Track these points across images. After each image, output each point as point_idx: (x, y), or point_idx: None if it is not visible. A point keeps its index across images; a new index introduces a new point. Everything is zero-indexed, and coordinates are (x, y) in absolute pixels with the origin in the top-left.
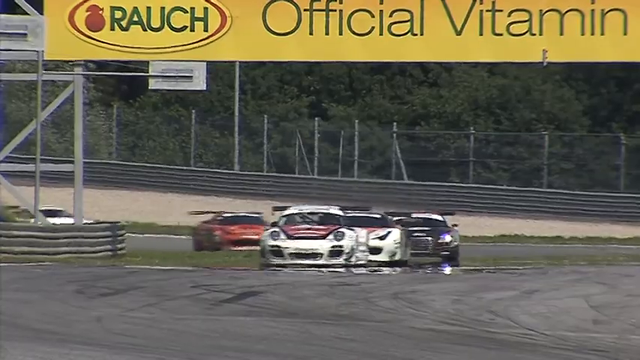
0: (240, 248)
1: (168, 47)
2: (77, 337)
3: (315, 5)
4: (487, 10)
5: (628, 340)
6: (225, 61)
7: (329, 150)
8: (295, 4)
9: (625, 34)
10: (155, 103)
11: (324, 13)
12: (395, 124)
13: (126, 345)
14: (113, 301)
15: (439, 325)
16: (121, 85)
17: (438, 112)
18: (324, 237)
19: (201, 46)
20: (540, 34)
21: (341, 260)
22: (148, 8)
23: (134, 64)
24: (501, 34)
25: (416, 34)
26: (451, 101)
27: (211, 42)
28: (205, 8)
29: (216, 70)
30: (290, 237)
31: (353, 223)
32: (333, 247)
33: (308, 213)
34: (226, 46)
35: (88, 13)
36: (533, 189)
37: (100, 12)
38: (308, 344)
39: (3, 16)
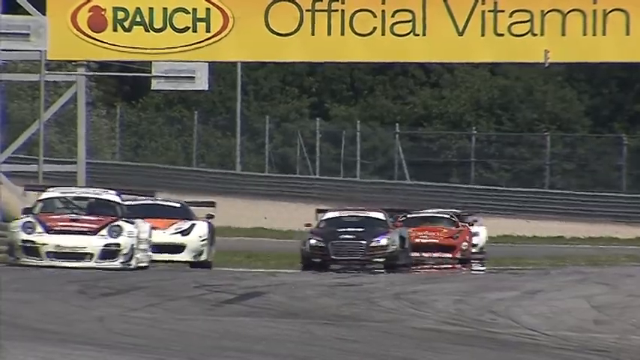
0: None
1: (171, 48)
2: (79, 337)
3: (317, 5)
4: (489, 11)
5: (629, 340)
6: (228, 62)
7: (331, 150)
8: (297, 4)
9: (627, 34)
10: (158, 103)
11: (326, 13)
12: (397, 124)
13: (127, 345)
14: (115, 301)
15: (441, 326)
16: (123, 85)
17: (440, 112)
18: (94, 232)
19: (204, 46)
20: (542, 35)
21: (116, 263)
22: (151, 9)
23: (137, 65)
24: (503, 35)
25: (418, 35)
26: (453, 102)
27: (213, 42)
28: (207, 9)
29: (219, 71)
30: (49, 230)
31: (143, 213)
32: (106, 245)
33: (74, 198)
34: (228, 46)
35: (91, 13)
36: (534, 189)
37: (103, 13)
38: (309, 345)
39: (5, 16)
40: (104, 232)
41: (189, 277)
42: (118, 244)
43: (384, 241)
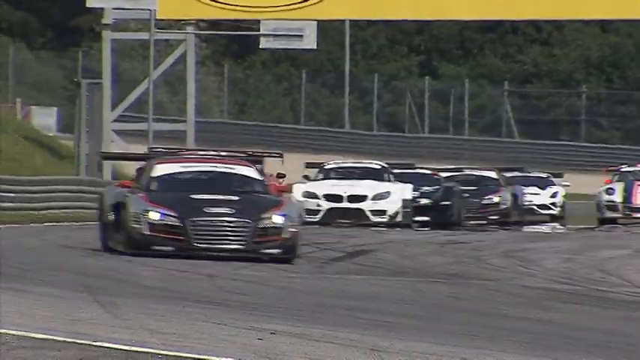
0: None
1: (279, 6)
2: (189, 295)
3: None
4: None
5: None
6: (336, 20)
7: (439, 109)
8: None
9: None
10: (264, 61)
11: None
12: (506, 82)
13: (237, 303)
14: (225, 260)
15: (550, 284)
16: (231, 44)
17: (550, 70)
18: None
19: (312, 4)
20: None
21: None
22: None
23: (245, 23)
24: None
25: None
26: (563, 59)
27: (322, 0)
28: None
29: (327, 29)
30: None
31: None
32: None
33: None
34: (337, 4)
35: None
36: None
37: None
38: (418, 303)
39: None
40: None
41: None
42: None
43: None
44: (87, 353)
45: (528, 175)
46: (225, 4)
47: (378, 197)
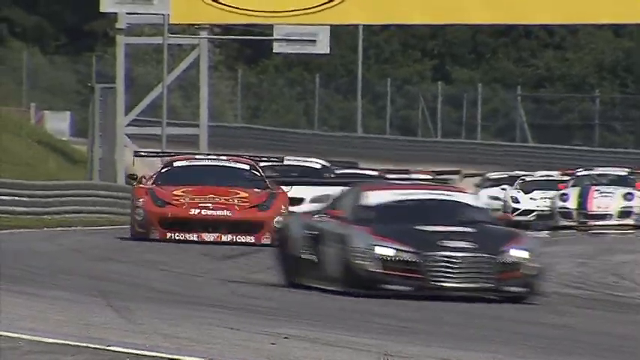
0: None
1: (292, 10)
2: (203, 300)
3: None
4: None
5: None
6: (349, 25)
7: (452, 113)
8: None
9: None
10: (277, 65)
11: None
12: (519, 86)
13: (250, 307)
14: (237, 264)
15: (563, 289)
16: (244, 48)
17: (563, 74)
18: None
19: (325, 9)
20: None
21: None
22: None
23: (258, 28)
24: None
25: None
26: (576, 64)
27: (335, 5)
28: None
29: (340, 34)
30: None
31: None
32: None
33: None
34: (350, 9)
35: None
36: None
37: None
38: (431, 308)
39: None
40: None
41: None
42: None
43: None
44: (100, 358)
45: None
46: (239, 8)
47: None
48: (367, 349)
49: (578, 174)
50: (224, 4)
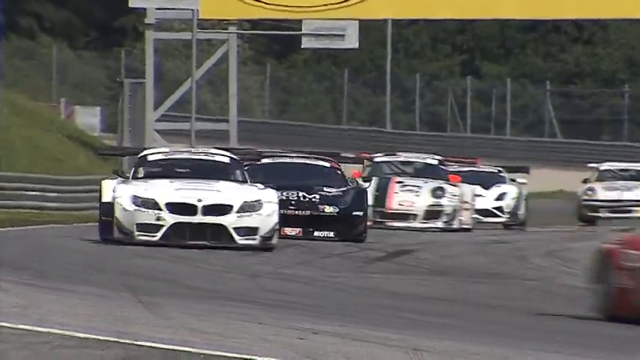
0: None
1: (321, 5)
2: (231, 295)
3: None
4: None
5: None
6: (377, 19)
7: (481, 108)
8: None
9: None
10: (306, 60)
11: None
12: (548, 82)
13: (279, 302)
14: (266, 259)
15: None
16: (273, 44)
17: (592, 70)
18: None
19: (354, 4)
20: None
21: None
22: None
23: (287, 23)
24: None
25: None
26: (606, 59)
27: (364, 0)
28: None
29: (368, 29)
30: None
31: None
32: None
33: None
34: (378, 3)
35: None
36: None
37: None
38: (459, 303)
39: None
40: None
41: None
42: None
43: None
44: (130, 352)
45: (477, 170)
46: (268, 3)
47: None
48: (396, 345)
49: (377, 160)
50: (254, 0)
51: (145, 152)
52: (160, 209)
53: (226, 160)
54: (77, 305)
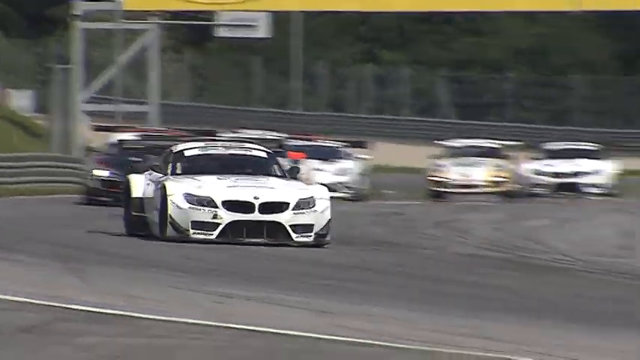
0: None
1: None
2: (154, 262)
3: None
4: None
5: None
6: (287, 11)
7: (380, 92)
8: None
9: None
10: (221, 49)
11: None
12: (441, 68)
13: (202, 270)
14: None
15: (480, 251)
16: (191, 33)
17: (481, 58)
18: None
19: None
20: None
21: None
22: None
23: (204, 14)
24: None
25: None
26: (493, 48)
27: None
28: None
29: (279, 20)
30: None
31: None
32: None
33: None
34: None
35: None
36: (565, 127)
37: None
38: (362, 269)
39: None
40: None
41: None
42: None
43: None
44: (61, 315)
45: (319, 145)
46: None
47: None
48: (305, 308)
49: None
50: None
51: (179, 147)
52: (216, 207)
53: (263, 154)
54: (12, 271)
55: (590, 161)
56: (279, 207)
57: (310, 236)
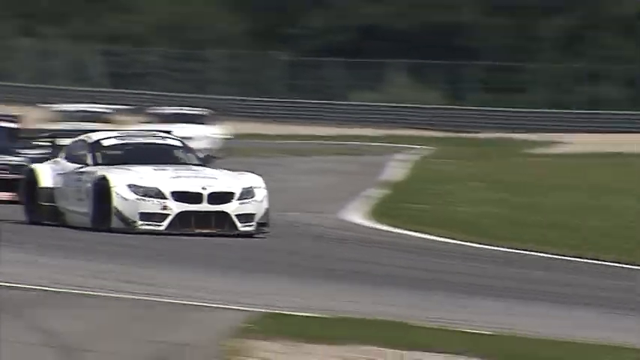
0: None
1: None
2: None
3: None
4: None
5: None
6: None
7: (38, 64)
8: None
9: None
10: None
11: None
12: (95, 42)
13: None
14: None
15: None
16: None
17: (130, 33)
18: None
19: None
20: None
21: None
22: None
23: None
24: None
25: None
26: (137, 25)
27: None
28: None
29: None
30: None
31: None
32: None
33: None
34: None
35: None
36: (208, 96)
37: None
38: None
39: None
40: None
41: None
42: None
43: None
44: None
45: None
46: None
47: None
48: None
49: None
50: None
51: (94, 137)
52: (165, 198)
53: (179, 143)
54: None
55: (196, 126)
56: (226, 197)
57: (252, 225)
